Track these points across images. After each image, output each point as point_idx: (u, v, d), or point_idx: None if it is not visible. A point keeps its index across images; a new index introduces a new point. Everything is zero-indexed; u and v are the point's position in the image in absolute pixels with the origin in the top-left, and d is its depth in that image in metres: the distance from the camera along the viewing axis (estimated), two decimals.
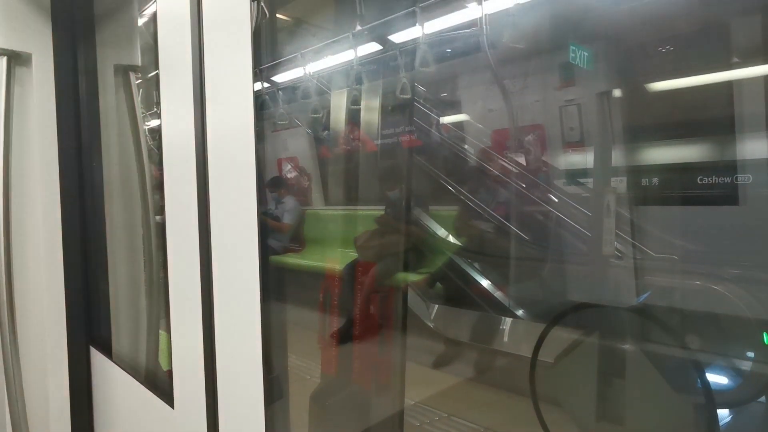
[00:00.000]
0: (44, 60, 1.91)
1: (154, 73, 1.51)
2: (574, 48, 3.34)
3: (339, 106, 3.86)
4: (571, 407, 2.27)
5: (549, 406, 2.36)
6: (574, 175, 3.69)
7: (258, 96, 1.17)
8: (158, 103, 1.50)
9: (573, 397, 2.24)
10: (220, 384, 1.33)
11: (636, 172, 3.14)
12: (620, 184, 3.17)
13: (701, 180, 2.90)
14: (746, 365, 2.55)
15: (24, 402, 1.89)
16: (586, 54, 3.37)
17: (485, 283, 3.78)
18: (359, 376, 2.36)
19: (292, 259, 4.87)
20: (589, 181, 3.46)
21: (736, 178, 2.78)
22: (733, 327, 2.58)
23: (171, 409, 1.55)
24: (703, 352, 2.55)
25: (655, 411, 1.97)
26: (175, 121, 1.43)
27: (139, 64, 2.09)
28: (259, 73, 1.18)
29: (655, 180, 3.11)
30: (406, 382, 2.42)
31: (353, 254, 4.32)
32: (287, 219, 5.45)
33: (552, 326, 2.41)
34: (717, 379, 2.47)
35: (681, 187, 3.03)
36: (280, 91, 5.08)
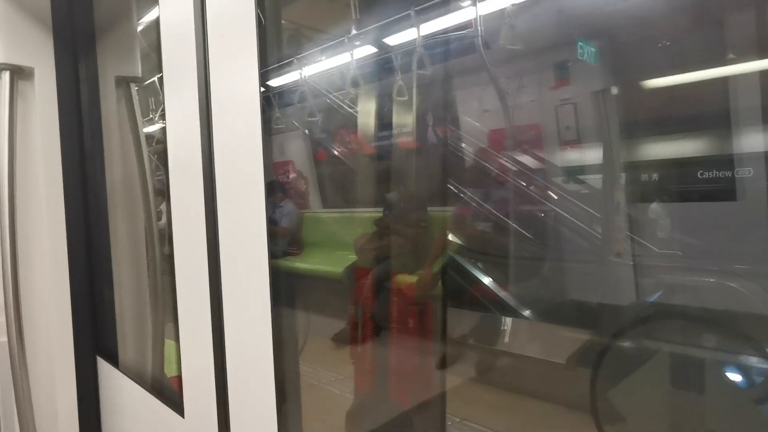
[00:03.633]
0: (46, 74, 1.92)
1: (158, 83, 1.51)
2: (581, 44, 3.28)
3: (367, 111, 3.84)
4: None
5: (563, 408, 2.30)
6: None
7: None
8: (162, 114, 1.50)
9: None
10: (231, 392, 1.34)
11: (651, 168, 3.07)
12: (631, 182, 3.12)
13: (701, 174, 2.84)
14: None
15: (33, 413, 1.89)
16: (593, 50, 3.31)
17: (488, 282, 3.68)
18: (398, 393, 2.27)
19: (291, 263, 4.89)
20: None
21: (737, 171, 2.72)
22: (751, 323, 2.45)
23: (182, 418, 1.56)
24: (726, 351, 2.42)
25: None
26: (181, 130, 1.43)
27: (140, 75, 2.10)
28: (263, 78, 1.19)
29: (666, 176, 3.02)
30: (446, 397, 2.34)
31: (352, 257, 4.33)
32: (285, 223, 5.47)
33: (616, 339, 2.25)
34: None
35: (690, 183, 2.93)
36: (277, 95, 5.09)
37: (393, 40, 3.87)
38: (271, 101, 5.10)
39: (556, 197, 3.67)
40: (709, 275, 2.62)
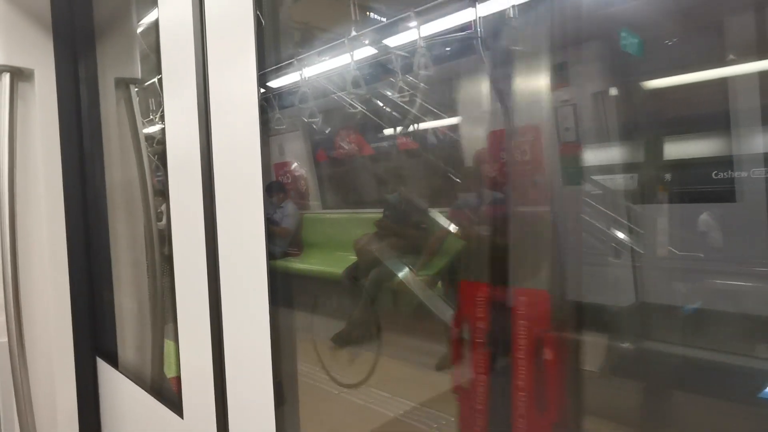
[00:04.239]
0: (46, 75, 1.93)
1: (157, 84, 1.51)
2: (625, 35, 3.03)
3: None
4: None
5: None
6: None
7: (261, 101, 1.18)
8: (162, 115, 1.51)
9: None
10: (230, 393, 1.34)
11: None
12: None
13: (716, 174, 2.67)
14: None
15: (33, 414, 1.90)
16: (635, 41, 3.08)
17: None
18: None
19: (291, 264, 4.90)
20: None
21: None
22: None
23: (180, 419, 1.57)
24: None
25: None
26: (180, 131, 1.44)
27: (139, 76, 2.10)
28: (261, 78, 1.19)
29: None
30: None
31: (352, 257, 4.31)
32: (286, 224, 5.47)
33: None
34: None
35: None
36: (278, 96, 5.05)
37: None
38: (274, 102, 5.06)
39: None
40: None
